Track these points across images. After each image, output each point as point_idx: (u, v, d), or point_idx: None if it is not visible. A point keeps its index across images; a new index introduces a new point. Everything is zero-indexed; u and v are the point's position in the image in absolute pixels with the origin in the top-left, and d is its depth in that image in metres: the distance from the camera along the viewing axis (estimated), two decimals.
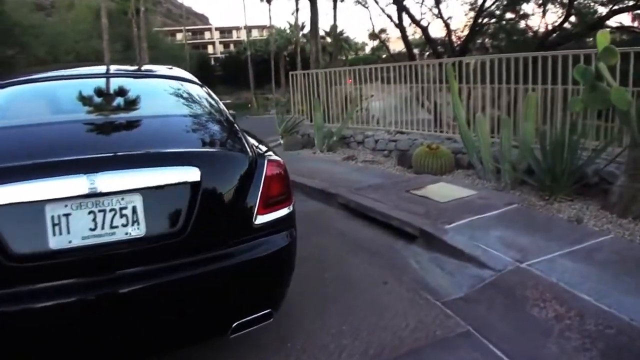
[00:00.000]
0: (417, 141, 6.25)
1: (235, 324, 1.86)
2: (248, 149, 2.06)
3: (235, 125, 2.38)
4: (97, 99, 2.47)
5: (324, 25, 42.98)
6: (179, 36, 55.38)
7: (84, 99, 2.40)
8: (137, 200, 1.70)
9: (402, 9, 12.91)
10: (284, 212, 2.07)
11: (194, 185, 1.77)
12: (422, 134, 6.48)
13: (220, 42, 66.99)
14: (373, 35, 21.48)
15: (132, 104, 2.43)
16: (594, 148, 4.20)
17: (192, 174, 1.77)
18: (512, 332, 2.36)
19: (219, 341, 2.30)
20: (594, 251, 3.07)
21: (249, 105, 40.61)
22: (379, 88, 7.63)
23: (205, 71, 53.07)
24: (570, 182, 4.06)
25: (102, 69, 3.12)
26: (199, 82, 2.94)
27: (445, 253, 3.37)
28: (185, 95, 2.64)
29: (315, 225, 4.30)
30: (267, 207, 1.99)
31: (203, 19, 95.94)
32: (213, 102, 2.60)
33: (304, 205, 5.05)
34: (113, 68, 3.05)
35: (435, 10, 13.78)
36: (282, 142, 8.50)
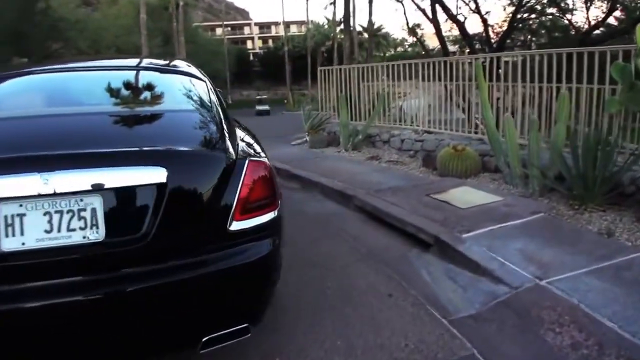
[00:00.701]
0: (444, 142, 5.98)
1: (205, 338, 1.72)
2: (228, 148, 1.90)
3: (225, 122, 2.25)
4: (77, 93, 2.39)
5: (362, 21, 42.60)
6: (219, 31, 56.04)
7: (63, 93, 2.32)
8: (97, 202, 1.58)
9: (436, 2, 12.48)
10: (266, 218, 1.90)
11: (159, 186, 1.64)
12: (451, 135, 6.19)
13: (259, 38, 67.46)
14: (412, 32, 21.03)
15: (113, 99, 2.34)
16: (632, 153, 3.86)
17: (157, 174, 1.63)
18: (520, 359, 2.14)
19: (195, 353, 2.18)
20: (623, 269, 2.79)
21: (285, 101, 40.73)
22: (412, 85, 7.35)
23: (244, 66, 53.64)
24: (603, 190, 3.74)
25: (100, 62, 3.05)
26: (202, 77, 2.82)
27: (460, 264, 3.15)
28: (178, 90, 2.53)
29: (327, 229, 4.15)
30: (245, 213, 1.83)
31: (244, 13, 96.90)
32: (207, 98, 2.46)
33: (319, 206, 4.92)
34: (112, 61, 2.97)
35: (473, 5, 13.31)
36: (307, 139, 8.37)
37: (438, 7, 12.56)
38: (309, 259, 3.47)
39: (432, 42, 19.55)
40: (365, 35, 34.74)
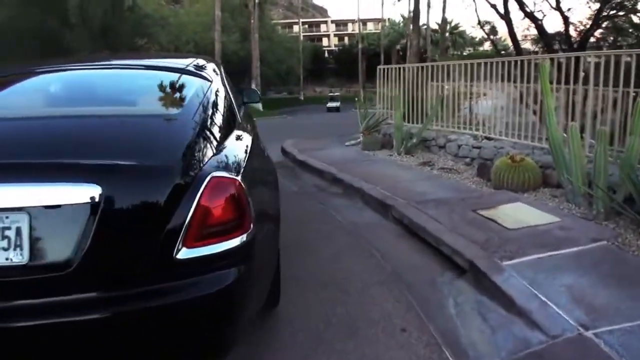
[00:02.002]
0: (503, 150, 5.40)
1: None
2: (186, 162, 1.64)
3: (210, 130, 2.01)
4: (43, 95, 2.24)
5: (437, 18, 41.16)
6: (296, 28, 56.73)
7: (26, 94, 2.18)
8: (23, 221, 1.39)
9: None
10: (231, 244, 1.60)
11: (93, 206, 1.42)
12: (512, 142, 5.57)
13: (335, 35, 67.57)
14: (491, 31, 19.88)
15: (81, 101, 2.17)
16: None
17: (89, 192, 1.41)
18: None
19: None
20: None
21: (356, 99, 40.31)
22: (483, 86, 6.72)
23: (318, 63, 54.02)
24: None
25: (100, 61, 2.92)
26: (209, 76, 2.61)
27: (494, 298, 2.70)
28: (163, 91, 2.33)
29: (357, 242, 3.81)
30: (201, 239, 1.56)
31: (322, 11, 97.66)
32: (199, 101, 2.23)
33: (355, 214, 4.59)
34: (113, 61, 2.83)
35: (553, 2, 12.16)
36: (361, 140, 8.02)
37: (513, 4, 11.64)
38: (325, 276, 3.16)
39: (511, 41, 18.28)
40: (445, 33, 33.49)
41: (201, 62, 2.97)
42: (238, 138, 2.22)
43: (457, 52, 42.42)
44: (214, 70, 2.89)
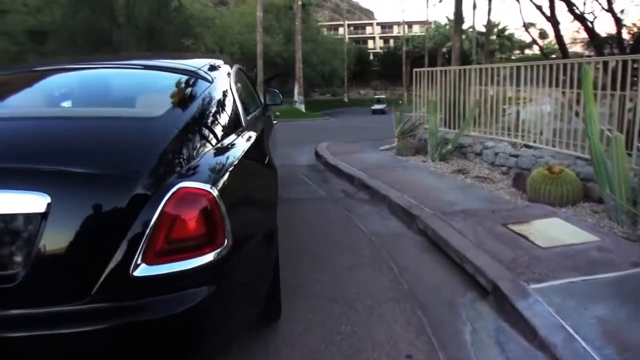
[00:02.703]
0: (543, 159, 5.05)
1: None
2: (151, 170, 1.52)
3: (193, 133, 1.89)
4: (28, 94, 2.18)
5: (486, 21, 39.93)
6: (342, 30, 56.65)
7: (15, 94, 2.12)
8: None
9: None
10: (199, 261, 1.47)
11: (40, 216, 1.32)
12: (553, 151, 5.20)
13: (381, 37, 67.06)
14: (542, 35, 19.04)
15: (58, 103, 2.10)
16: None
17: (35, 201, 1.32)
18: None
19: None
20: None
21: (400, 102, 39.76)
22: (529, 91, 6.34)
23: (363, 65, 53.75)
24: None
25: (103, 61, 2.86)
26: (210, 77, 2.50)
27: (516, 326, 2.45)
28: (158, 92, 2.24)
29: (376, 254, 3.61)
30: (163, 255, 1.43)
31: (368, 13, 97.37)
32: (190, 103, 2.12)
33: (379, 224, 4.38)
34: (121, 60, 2.77)
35: (604, 3, 11.40)
36: (395, 145, 7.78)
37: (560, 5, 10.99)
38: (336, 290, 2.99)
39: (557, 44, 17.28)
40: (492, 36, 32.45)
41: (210, 62, 2.88)
42: (232, 143, 2.09)
43: (505, 55, 40.97)
44: (222, 72, 2.79)
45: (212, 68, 2.71)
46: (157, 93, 2.29)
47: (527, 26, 13.89)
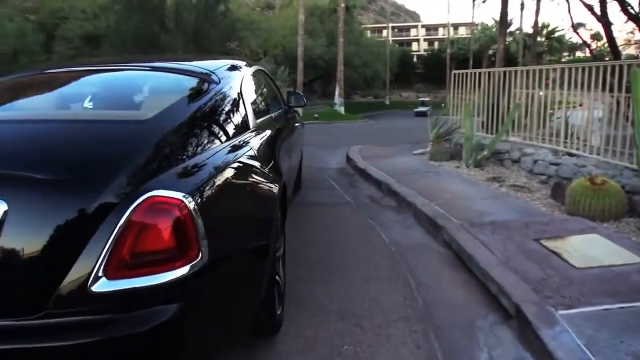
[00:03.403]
0: (585, 169, 4.66)
1: None
2: (124, 176, 1.41)
3: (180, 138, 1.75)
4: (30, 97, 2.11)
5: (533, 22, 38.42)
6: (386, 33, 56.09)
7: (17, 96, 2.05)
8: None
9: None
10: (168, 276, 1.35)
11: None
12: (600, 160, 4.78)
13: (425, 40, 66.06)
14: (595, 36, 18.06)
15: (44, 105, 2.01)
16: None
17: None
18: None
19: None
20: None
21: (443, 105, 38.84)
22: (578, 95, 5.89)
23: (405, 68, 53.00)
24: None
25: (125, 62, 2.79)
26: (217, 79, 2.37)
27: (538, 358, 2.18)
28: (153, 93, 2.13)
29: (394, 267, 3.39)
30: (127, 268, 1.32)
31: (414, 16, 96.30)
32: (183, 105, 1.99)
33: (403, 234, 4.14)
34: (137, 61, 2.68)
35: None
36: (428, 150, 7.48)
37: (613, 5, 10.27)
38: (345, 304, 2.80)
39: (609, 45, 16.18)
40: (539, 38, 31.08)
41: (223, 63, 2.78)
42: (227, 148, 1.94)
43: (554, 57, 39.25)
44: (233, 73, 2.66)
45: (222, 69, 2.60)
46: (156, 95, 2.20)
47: (575, 27, 13.16)
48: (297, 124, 4.67)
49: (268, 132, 2.76)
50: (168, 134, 1.71)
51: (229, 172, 1.77)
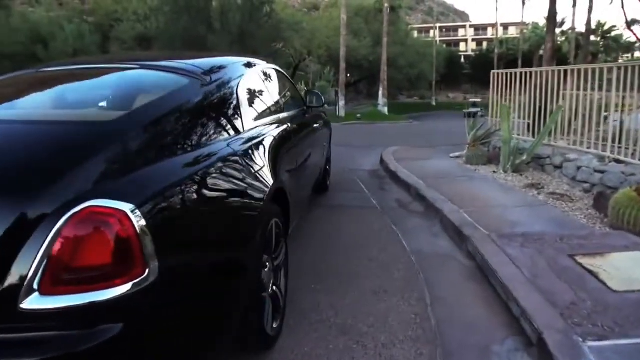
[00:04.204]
0: (634, 177, 4.22)
1: None
2: (61, 184, 1.28)
3: (145, 141, 1.61)
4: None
5: (586, 20, 36.44)
6: (433, 33, 55.03)
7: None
8: None
9: None
10: (106, 294, 1.21)
11: None
12: None
13: (474, 40, 64.37)
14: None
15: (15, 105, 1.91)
16: None
17: None
18: None
19: None
20: None
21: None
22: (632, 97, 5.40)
23: (453, 69, 51.77)
24: None
25: (117, 60, 2.69)
26: (208, 78, 2.22)
27: None
28: (132, 92, 2.01)
29: (411, 279, 3.14)
30: (60, 285, 1.20)
31: (463, 16, 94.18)
32: (163, 106, 1.84)
33: (427, 243, 3.88)
34: (129, 59, 2.57)
35: None
36: (465, 153, 7.11)
37: None
38: (349, 319, 2.59)
39: None
40: (592, 37, 29.35)
41: (224, 60, 2.66)
42: (205, 154, 1.77)
43: (610, 58, 37.02)
44: (231, 72, 2.50)
45: (218, 68, 2.45)
46: (134, 95, 2.06)
47: (630, 23, 12.25)
48: (317, 124, 4.47)
49: (268, 135, 2.57)
50: (130, 138, 1.56)
51: (195, 181, 1.61)
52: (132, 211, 1.26)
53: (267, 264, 2.27)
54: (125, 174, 1.42)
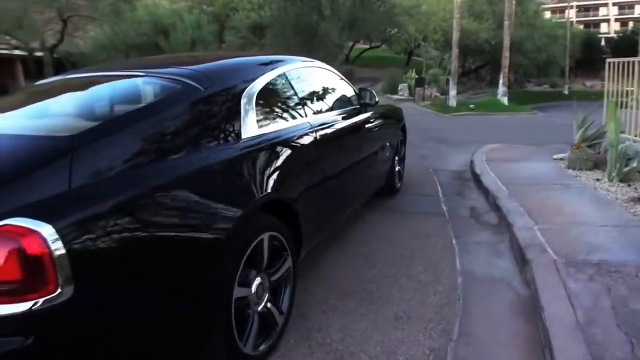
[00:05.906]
0: None
1: None
2: None
3: (99, 158, 1.58)
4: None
5: None
6: (571, 13, 49.71)
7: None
8: None
9: None
10: (13, 309, 1.29)
11: None
12: None
13: (617, 20, 56.85)
14: None
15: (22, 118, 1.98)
16: None
17: None
18: None
19: None
20: None
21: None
22: None
23: (590, 53, 46.40)
24: None
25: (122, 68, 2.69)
26: (204, 85, 2.11)
27: None
28: (109, 104, 1.98)
29: (444, 306, 2.79)
30: None
31: None
32: (129, 119, 1.78)
33: (483, 263, 3.46)
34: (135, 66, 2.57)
35: None
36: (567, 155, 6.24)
37: None
38: (355, 347, 2.38)
39: None
40: None
41: (234, 62, 2.61)
42: (166, 166, 1.71)
43: None
44: (236, 75, 2.38)
45: (225, 71, 2.35)
46: (115, 104, 2.05)
47: None
48: (377, 124, 4.18)
49: (273, 142, 2.38)
50: (78, 154, 1.53)
51: (136, 203, 1.55)
52: (45, 228, 1.29)
53: (258, 279, 2.15)
54: (58, 193, 1.42)
